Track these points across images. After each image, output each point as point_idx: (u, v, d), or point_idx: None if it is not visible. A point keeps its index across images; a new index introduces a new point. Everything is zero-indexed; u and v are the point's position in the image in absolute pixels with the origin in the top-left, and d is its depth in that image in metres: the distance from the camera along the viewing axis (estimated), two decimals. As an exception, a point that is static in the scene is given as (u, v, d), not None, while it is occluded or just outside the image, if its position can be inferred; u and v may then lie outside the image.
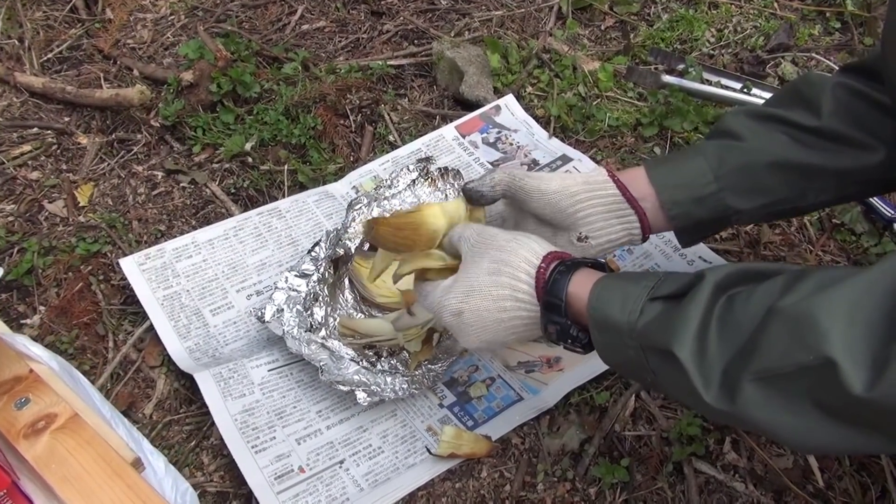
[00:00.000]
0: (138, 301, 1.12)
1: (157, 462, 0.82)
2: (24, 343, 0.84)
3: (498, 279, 0.78)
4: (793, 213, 1.07)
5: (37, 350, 0.84)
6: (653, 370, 0.71)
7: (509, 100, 1.44)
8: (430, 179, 1.19)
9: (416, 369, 1.04)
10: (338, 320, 1.09)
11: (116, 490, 0.73)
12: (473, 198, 0.90)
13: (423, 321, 0.99)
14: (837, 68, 1.12)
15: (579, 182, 0.89)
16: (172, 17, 1.66)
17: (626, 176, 0.91)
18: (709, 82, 1.47)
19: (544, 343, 0.90)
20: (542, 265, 0.77)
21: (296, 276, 1.10)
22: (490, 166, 1.33)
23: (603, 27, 1.64)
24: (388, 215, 0.95)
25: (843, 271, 0.61)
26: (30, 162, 1.36)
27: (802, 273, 0.63)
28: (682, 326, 0.66)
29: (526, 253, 0.78)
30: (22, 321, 1.13)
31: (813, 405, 0.60)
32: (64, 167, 1.36)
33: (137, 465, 0.77)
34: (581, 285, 0.75)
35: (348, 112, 1.43)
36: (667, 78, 1.46)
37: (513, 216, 0.96)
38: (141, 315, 1.13)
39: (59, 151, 1.39)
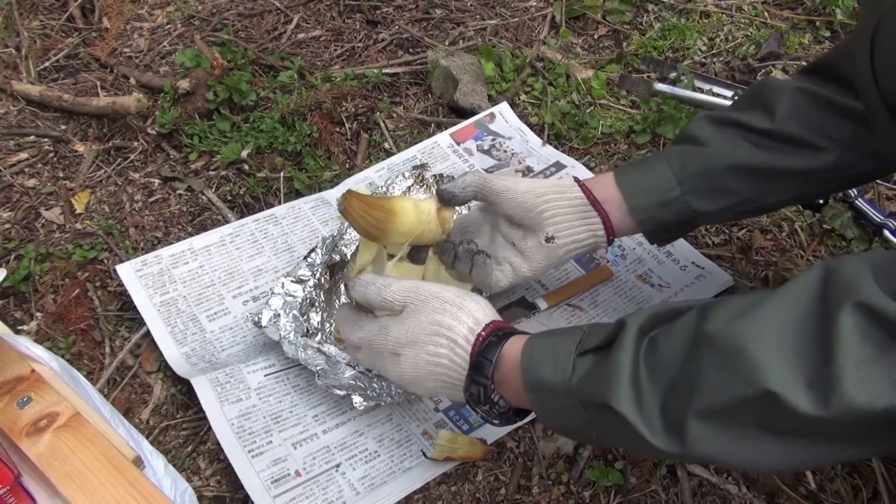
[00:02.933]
0: (135, 307, 1.13)
1: (156, 462, 0.83)
2: (25, 344, 0.85)
3: (437, 339, 0.79)
4: (758, 213, 1.09)
5: (38, 351, 0.85)
6: (596, 426, 0.70)
7: (503, 107, 1.45)
8: (425, 186, 1.20)
9: (411, 374, 1.05)
10: (334, 325, 1.10)
11: (118, 487, 0.74)
12: (446, 198, 0.94)
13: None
14: (798, 71, 1.12)
15: (547, 185, 0.94)
16: (169, 25, 1.68)
17: (595, 182, 0.95)
18: (700, 90, 1.48)
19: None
20: (482, 333, 0.78)
21: (292, 281, 1.10)
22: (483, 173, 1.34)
23: (596, 36, 1.65)
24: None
25: (754, 297, 0.62)
26: (27, 169, 1.37)
27: (712, 303, 0.65)
28: (615, 377, 0.66)
29: (468, 320, 0.79)
30: (19, 327, 1.13)
31: (763, 431, 0.59)
32: (61, 175, 1.37)
33: (138, 463, 0.78)
34: (514, 346, 0.76)
35: (344, 120, 1.44)
36: (659, 86, 1.47)
37: (488, 221, 0.99)
38: (138, 321, 1.13)
39: (55, 159, 1.39)
